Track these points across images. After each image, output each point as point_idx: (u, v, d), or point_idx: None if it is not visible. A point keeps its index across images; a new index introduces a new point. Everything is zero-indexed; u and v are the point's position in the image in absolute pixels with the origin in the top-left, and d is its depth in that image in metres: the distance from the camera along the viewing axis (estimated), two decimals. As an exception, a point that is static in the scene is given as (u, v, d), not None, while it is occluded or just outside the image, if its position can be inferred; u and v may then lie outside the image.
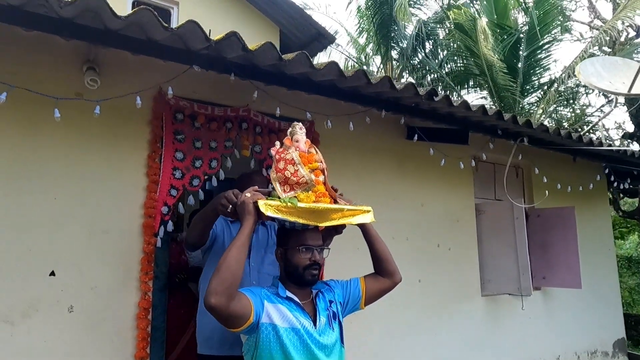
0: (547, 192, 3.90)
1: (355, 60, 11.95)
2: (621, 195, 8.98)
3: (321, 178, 1.67)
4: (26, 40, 2.13)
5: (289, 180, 1.62)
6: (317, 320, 1.59)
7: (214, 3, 6.29)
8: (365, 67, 12.02)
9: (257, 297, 1.54)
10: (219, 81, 2.52)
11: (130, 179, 2.41)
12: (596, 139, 3.94)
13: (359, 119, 2.93)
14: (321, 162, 1.70)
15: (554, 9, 9.25)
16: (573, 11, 14.89)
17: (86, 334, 2.19)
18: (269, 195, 1.64)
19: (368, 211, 1.75)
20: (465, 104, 2.73)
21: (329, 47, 11.29)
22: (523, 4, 9.34)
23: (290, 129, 1.75)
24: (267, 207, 1.54)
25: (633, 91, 4.03)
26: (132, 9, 6.25)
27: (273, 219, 1.57)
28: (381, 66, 11.68)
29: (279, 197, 1.60)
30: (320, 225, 1.64)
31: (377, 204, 3.49)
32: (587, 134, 8.19)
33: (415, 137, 3.14)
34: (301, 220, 1.58)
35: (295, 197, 1.60)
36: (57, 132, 2.21)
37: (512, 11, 9.98)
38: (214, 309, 1.37)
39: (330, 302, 1.68)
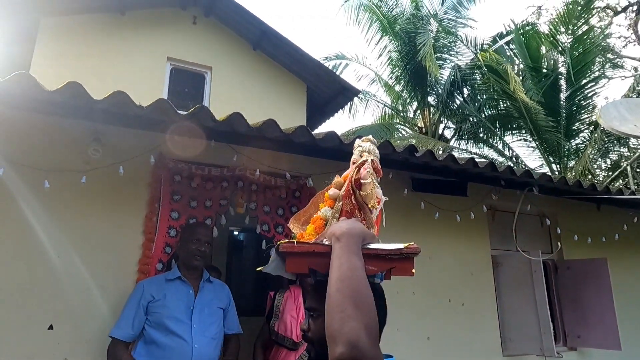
0: (559, 243, 3.66)
1: (391, 107, 12.12)
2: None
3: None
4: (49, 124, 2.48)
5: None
6: None
7: (244, 65, 6.79)
8: (402, 115, 12.13)
9: None
10: (215, 146, 2.73)
11: (129, 236, 2.62)
12: (616, 185, 3.68)
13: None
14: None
15: (594, 47, 8.96)
16: (624, 47, 14.31)
17: (79, 385, 2.33)
18: None
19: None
20: (451, 157, 2.72)
21: (365, 97, 11.62)
22: (559, 46, 9.12)
23: (357, 147, 1.17)
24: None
25: (658, 134, 3.80)
26: (169, 75, 6.70)
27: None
28: (418, 112, 11.75)
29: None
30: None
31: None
32: (608, 183, 7.55)
33: (406, 191, 3.14)
34: None
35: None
36: (60, 198, 2.48)
37: (550, 52, 9.79)
38: None
39: None
